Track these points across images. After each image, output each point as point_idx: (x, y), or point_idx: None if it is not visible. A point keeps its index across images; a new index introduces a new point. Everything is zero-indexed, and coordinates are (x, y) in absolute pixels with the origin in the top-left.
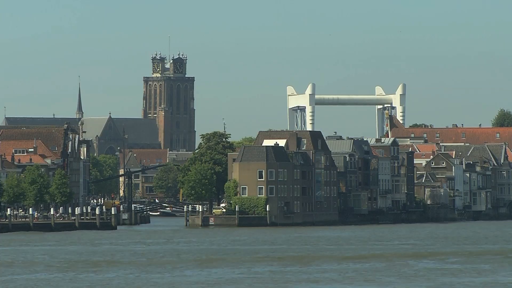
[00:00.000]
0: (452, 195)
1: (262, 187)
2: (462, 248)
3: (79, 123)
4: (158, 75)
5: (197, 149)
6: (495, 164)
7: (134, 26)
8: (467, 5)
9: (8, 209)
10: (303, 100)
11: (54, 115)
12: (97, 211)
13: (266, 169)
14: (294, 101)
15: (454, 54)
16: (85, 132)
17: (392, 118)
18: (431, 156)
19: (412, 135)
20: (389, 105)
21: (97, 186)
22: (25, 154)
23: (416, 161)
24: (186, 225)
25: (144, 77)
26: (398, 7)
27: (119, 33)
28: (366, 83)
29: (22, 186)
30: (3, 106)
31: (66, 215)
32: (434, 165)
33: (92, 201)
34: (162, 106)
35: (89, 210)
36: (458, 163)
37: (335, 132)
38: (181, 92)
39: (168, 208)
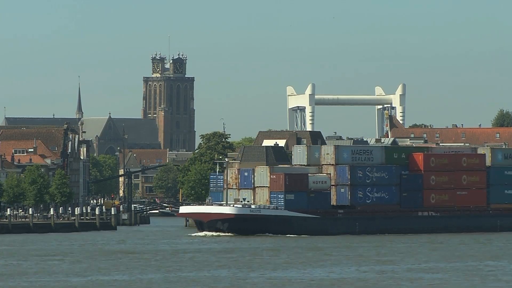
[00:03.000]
0: None
1: None
2: None
3: (79, 123)
4: (158, 75)
5: (197, 149)
6: None
7: (134, 26)
8: (467, 5)
9: (8, 209)
10: (303, 100)
11: (54, 115)
12: (97, 211)
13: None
14: (294, 101)
15: (454, 54)
16: (85, 132)
17: (392, 118)
18: None
19: (412, 135)
20: (389, 105)
21: (97, 186)
22: (25, 154)
23: None
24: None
25: (144, 77)
26: (398, 7)
27: (119, 33)
28: (366, 83)
29: (22, 186)
30: (3, 106)
31: (66, 215)
32: None
33: (92, 201)
34: (162, 106)
35: (89, 210)
36: None
37: (335, 132)
38: (181, 92)
39: (168, 208)
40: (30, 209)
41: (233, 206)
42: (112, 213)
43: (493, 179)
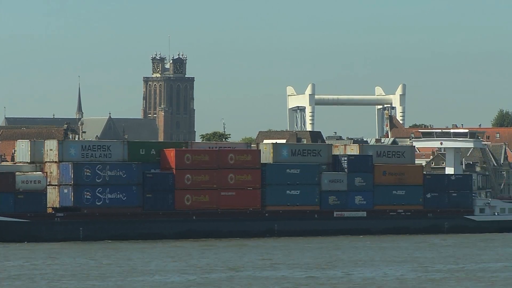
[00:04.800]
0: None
1: None
2: None
3: (79, 123)
4: (158, 75)
5: None
6: (495, 164)
7: (134, 26)
8: (467, 5)
9: None
10: (303, 100)
11: (54, 115)
12: None
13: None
14: (294, 101)
15: (454, 54)
16: (85, 132)
17: (392, 118)
18: (431, 156)
19: (412, 135)
20: (389, 105)
21: None
22: None
23: (416, 161)
24: None
25: (144, 77)
26: (398, 7)
27: (119, 33)
28: (366, 83)
29: None
30: (3, 106)
31: None
32: (434, 165)
33: None
34: (162, 106)
35: None
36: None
37: (335, 132)
38: (181, 92)
39: None
40: None
41: None
42: None
43: (270, 178)
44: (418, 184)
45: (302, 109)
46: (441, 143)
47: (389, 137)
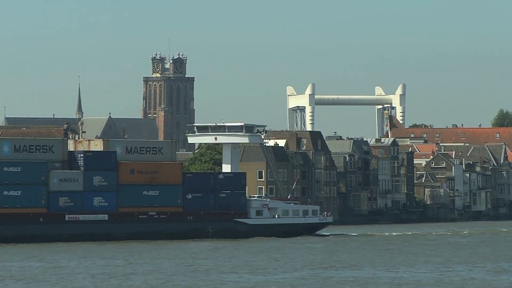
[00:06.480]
0: (452, 195)
1: (262, 187)
2: None
3: (79, 123)
4: (158, 75)
5: (197, 149)
6: (495, 164)
7: (134, 26)
8: (467, 6)
9: None
10: (303, 100)
11: (54, 115)
12: None
13: (266, 169)
14: (294, 101)
15: (454, 54)
16: (85, 132)
17: (392, 118)
18: (431, 156)
19: (412, 135)
20: (389, 105)
21: None
22: None
23: (416, 161)
24: None
25: (144, 77)
26: (398, 7)
27: (119, 33)
28: (366, 83)
29: None
30: (3, 106)
31: None
32: (434, 165)
33: None
34: (162, 106)
35: None
36: (458, 163)
37: (335, 132)
38: (181, 92)
39: None
40: None
41: None
42: None
43: None
44: (177, 184)
45: (302, 109)
46: (216, 138)
47: (389, 137)
